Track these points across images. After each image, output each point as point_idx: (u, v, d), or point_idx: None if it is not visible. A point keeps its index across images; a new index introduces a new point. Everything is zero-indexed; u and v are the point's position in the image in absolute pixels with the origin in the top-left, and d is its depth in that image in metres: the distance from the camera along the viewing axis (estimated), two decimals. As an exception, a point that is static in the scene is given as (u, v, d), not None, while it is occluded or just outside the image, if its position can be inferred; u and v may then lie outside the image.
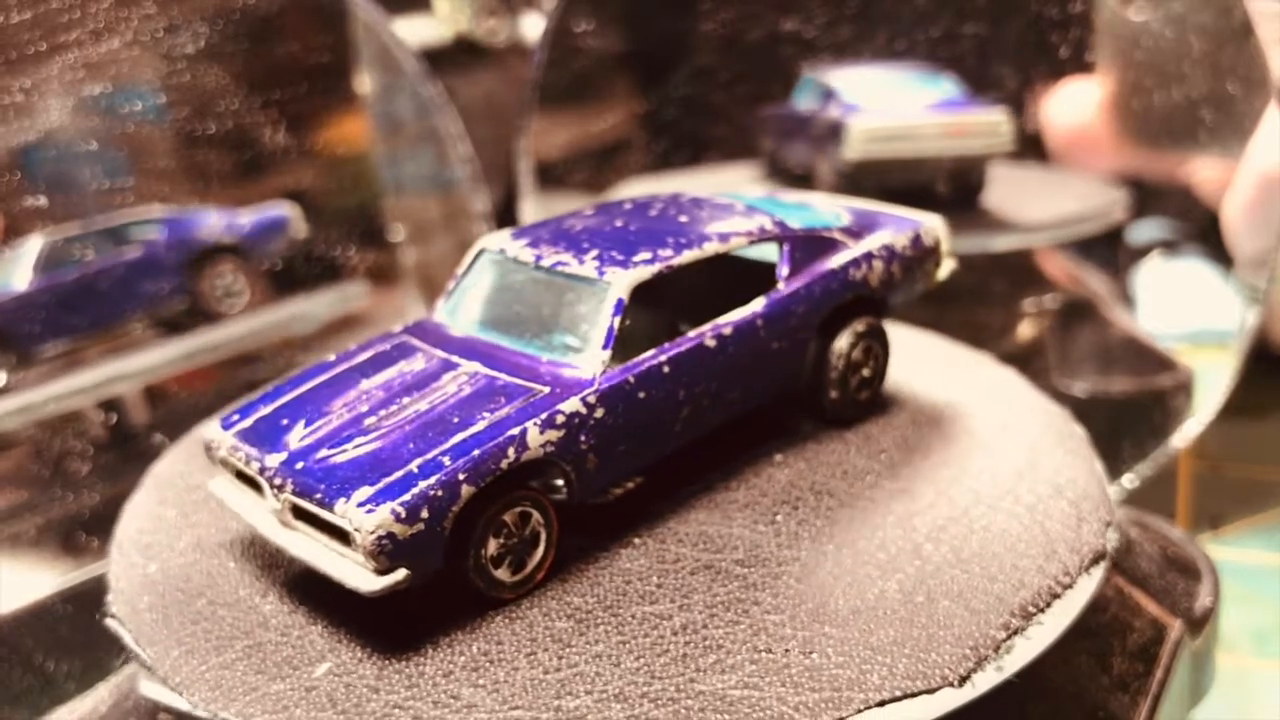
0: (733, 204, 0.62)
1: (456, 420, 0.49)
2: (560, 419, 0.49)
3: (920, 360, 0.72)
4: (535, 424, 0.48)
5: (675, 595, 0.49)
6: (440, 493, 0.46)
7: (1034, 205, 0.98)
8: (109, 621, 0.52)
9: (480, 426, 0.48)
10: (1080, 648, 0.49)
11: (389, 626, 0.48)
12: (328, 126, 1.01)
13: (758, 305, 0.57)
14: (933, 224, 0.65)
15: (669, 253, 0.55)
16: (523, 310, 0.55)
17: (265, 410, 0.53)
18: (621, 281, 0.53)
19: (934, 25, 0.97)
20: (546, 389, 0.51)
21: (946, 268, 0.66)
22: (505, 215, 1.09)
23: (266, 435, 0.51)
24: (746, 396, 0.57)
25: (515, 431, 0.48)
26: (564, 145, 1.12)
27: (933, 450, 0.61)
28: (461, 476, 0.46)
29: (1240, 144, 0.83)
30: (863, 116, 0.96)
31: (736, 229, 0.58)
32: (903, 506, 0.55)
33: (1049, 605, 0.48)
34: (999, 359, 0.72)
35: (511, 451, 0.48)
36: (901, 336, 0.75)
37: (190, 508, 0.60)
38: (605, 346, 0.52)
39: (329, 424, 0.51)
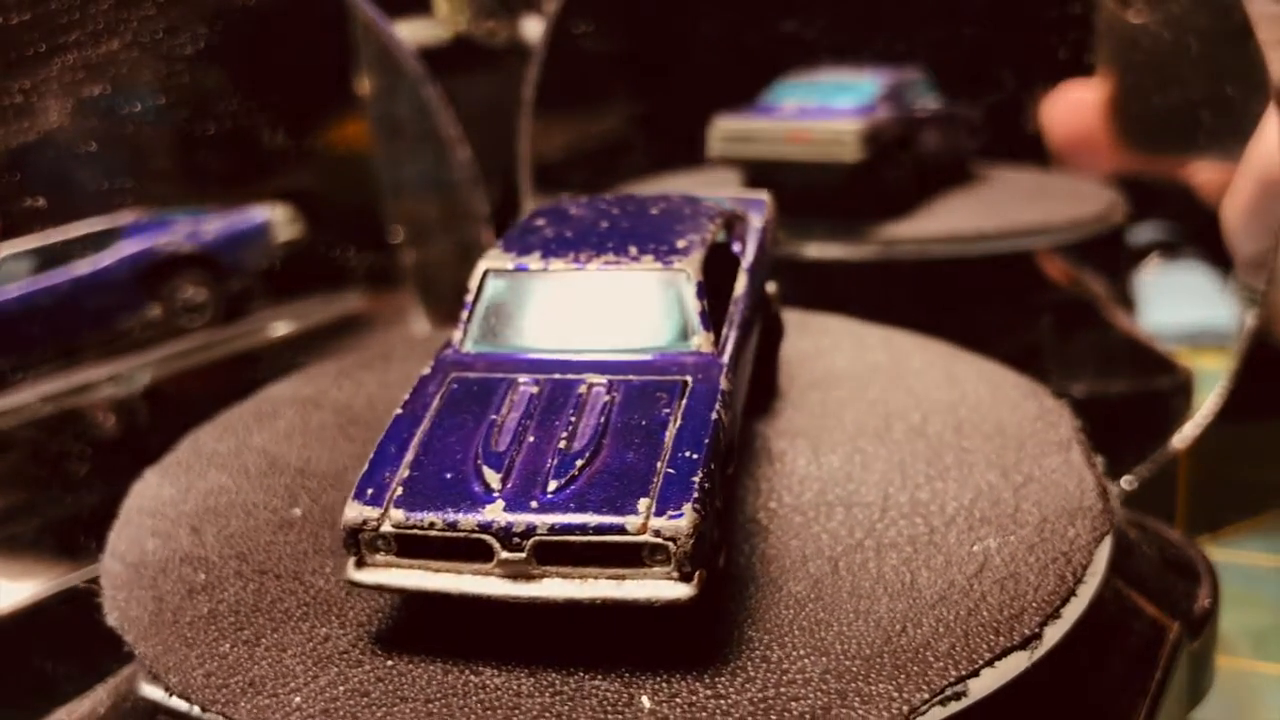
0: (669, 197, 0.65)
1: (645, 424, 0.48)
2: (726, 398, 0.50)
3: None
4: (719, 407, 0.49)
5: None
6: (709, 485, 0.46)
7: (1017, 209, 0.98)
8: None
9: (680, 423, 0.48)
10: (1079, 649, 0.49)
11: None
12: (327, 128, 1.01)
13: (743, 284, 0.60)
14: (768, 198, 0.71)
15: (687, 242, 0.57)
16: (590, 317, 0.55)
17: (403, 473, 0.47)
18: (693, 266, 0.55)
19: (934, 27, 0.97)
20: (689, 377, 0.51)
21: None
22: (505, 216, 1.09)
23: (442, 494, 0.46)
24: (745, 365, 0.59)
25: (714, 416, 0.49)
26: (563, 146, 1.12)
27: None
28: (712, 467, 0.46)
29: (1239, 146, 0.83)
30: (723, 118, 0.99)
31: (710, 214, 0.61)
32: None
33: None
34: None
35: (722, 436, 0.48)
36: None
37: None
38: (706, 328, 0.54)
39: (512, 463, 0.47)
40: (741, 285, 0.60)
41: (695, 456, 0.46)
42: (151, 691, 0.48)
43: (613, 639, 0.47)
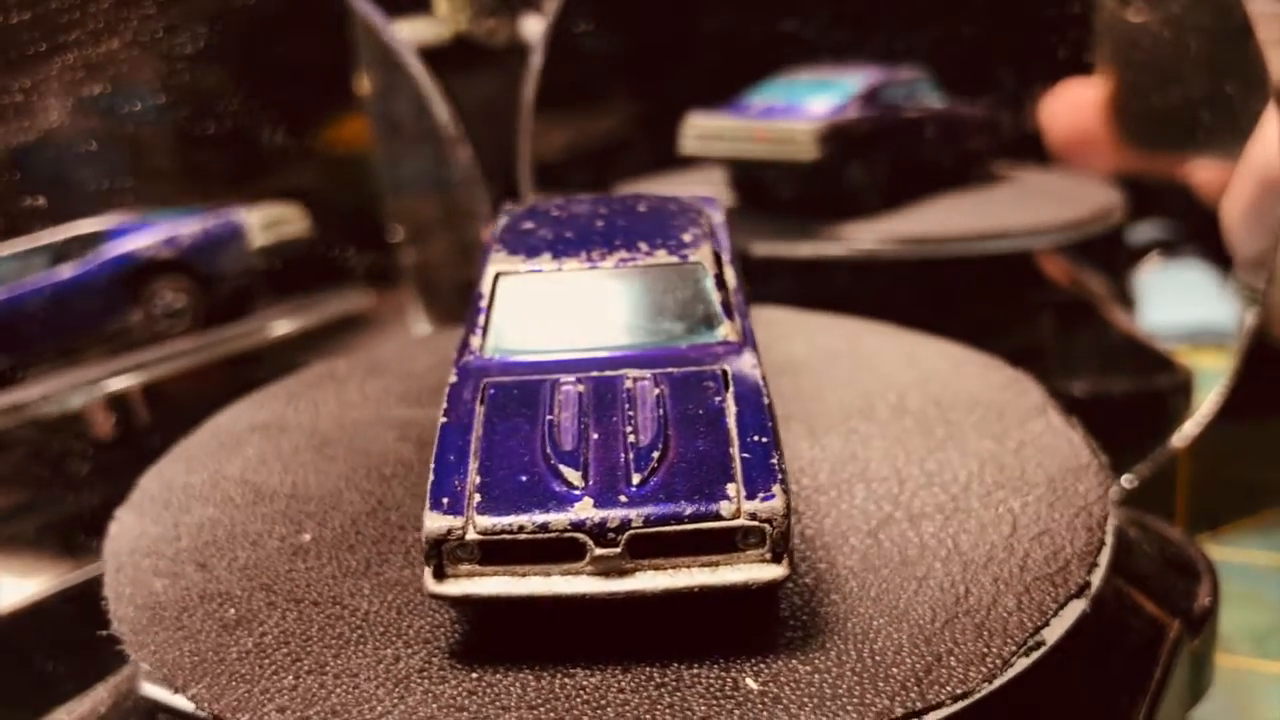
0: (644, 196, 0.66)
1: (702, 413, 0.49)
2: (767, 384, 0.51)
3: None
4: (767, 392, 0.50)
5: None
6: (784, 469, 0.46)
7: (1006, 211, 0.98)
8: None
9: (736, 409, 0.49)
10: (1079, 647, 0.49)
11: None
12: (327, 127, 1.01)
13: (733, 276, 0.61)
14: (719, 196, 0.71)
15: (691, 236, 0.58)
16: (613, 313, 0.55)
17: (474, 480, 0.47)
18: (708, 258, 0.56)
19: (933, 26, 0.97)
20: (727, 366, 0.52)
21: None
22: (505, 215, 1.09)
23: (524, 497, 0.45)
24: None
25: (767, 401, 0.50)
26: (564, 145, 1.12)
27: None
28: (779, 451, 0.47)
29: (1239, 145, 0.83)
30: (695, 115, 1.00)
31: (692, 210, 0.62)
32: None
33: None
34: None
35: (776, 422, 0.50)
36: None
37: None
38: (729, 317, 0.55)
39: (586, 460, 0.47)
40: (732, 277, 0.60)
41: (765, 440, 0.47)
42: (152, 690, 0.48)
43: (685, 627, 0.47)
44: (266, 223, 0.92)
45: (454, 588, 0.45)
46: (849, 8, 0.99)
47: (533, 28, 1.24)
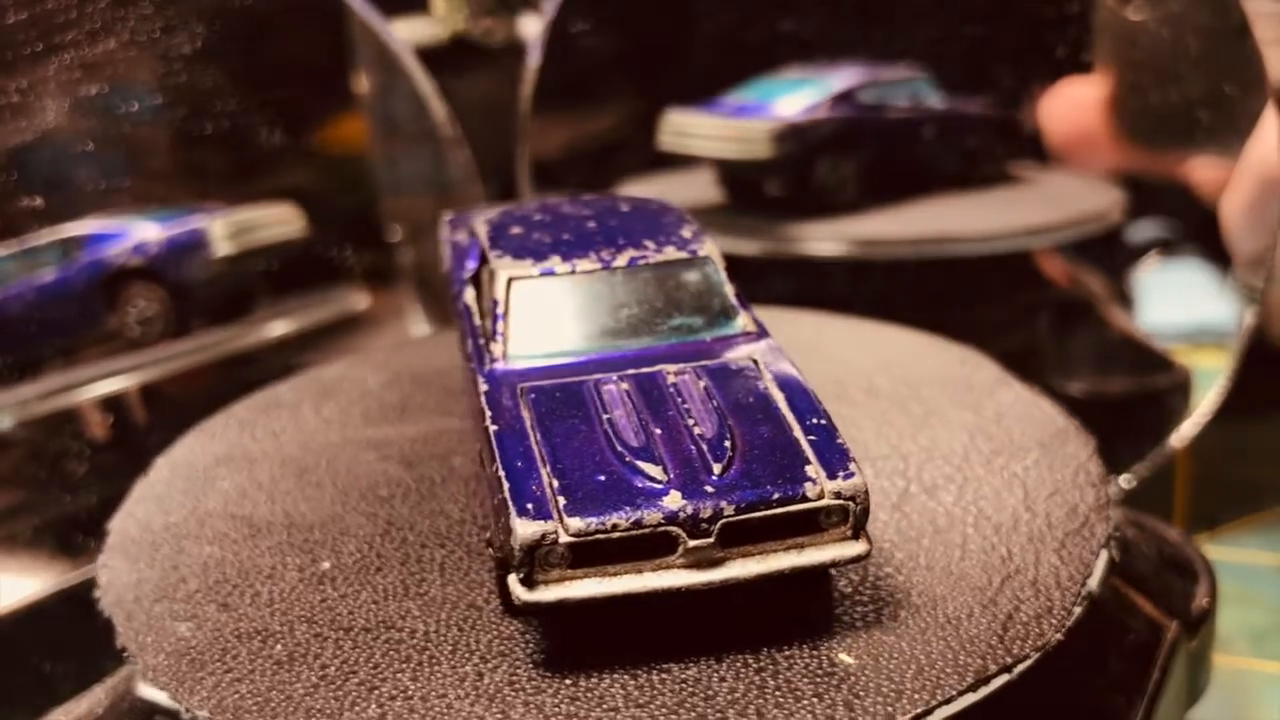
0: (616, 196, 0.67)
1: (752, 401, 0.50)
2: (799, 370, 0.53)
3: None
4: (803, 377, 0.52)
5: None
6: (849, 447, 0.47)
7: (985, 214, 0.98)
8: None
9: (783, 395, 0.50)
10: (1076, 648, 0.49)
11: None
12: (325, 126, 1.01)
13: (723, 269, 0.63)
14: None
15: (690, 231, 0.58)
16: (632, 310, 0.55)
17: (551, 483, 0.46)
18: (715, 252, 0.57)
19: (932, 25, 0.97)
20: (756, 354, 0.53)
21: None
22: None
23: (609, 496, 0.45)
24: None
25: (808, 386, 0.51)
26: (562, 145, 1.12)
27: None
28: (839, 431, 0.48)
29: (1238, 144, 0.83)
30: (672, 111, 1.02)
31: (671, 207, 0.63)
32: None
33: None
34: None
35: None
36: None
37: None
38: (744, 308, 0.56)
39: (660, 454, 0.47)
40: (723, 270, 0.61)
41: (825, 422, 0.48)
42: (149, 692, 0.48)
43: (754, 611, 0.48)
44: (234, 230, 0.89)
45: (548, 594, 0.44)
46: (847, 7, 0.99)
47: (530, 27, 1.24)
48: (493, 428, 0.49)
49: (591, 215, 0.61)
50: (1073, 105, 0.94)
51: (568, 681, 0.45)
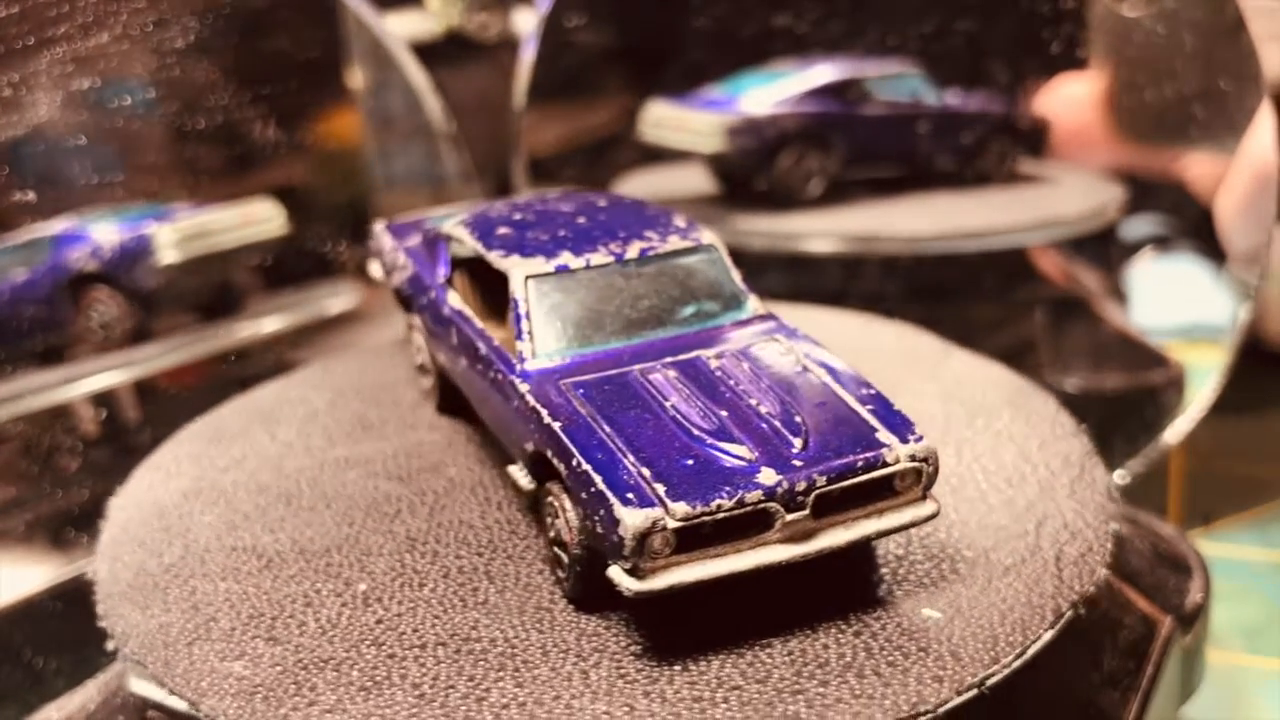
0: (589, 194, 0.68)
1: (797, 378, 0.51)
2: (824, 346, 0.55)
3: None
4: (833, 352, 0.53)
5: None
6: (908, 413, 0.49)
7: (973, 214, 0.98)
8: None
9: (822, 370, 0.51)
10: (1071, 644, 0.49)
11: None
12: (319, 121, 1.01)
13: None
14: None
15: (684, 222, 0.60)
16: (652, 300, 0.56)
17: (636, 471, 0.45)
18: (717, 239, 0.59)
19: (926, 21, 0.97)
20: (778, 335, 0.55)
21: None
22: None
23: (704, 478, 0.45)
24: None
25: (841, 361, 0.53)
26: (556, 140, 1.12)
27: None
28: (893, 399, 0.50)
29: (1233, 140, 0.83)
30: (652, 102, 1.04)
31: (648, 201, 0.64)
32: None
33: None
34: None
35: None
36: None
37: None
38: (752, 291, 0.58)
39: (738, 434, 0.47)
40: None
41: (874, 391, 0.50)
42: (141, 687, 0.48)
43: (820, 585, 0.49)
44: (183, 237, 0.85)
45: (658, 581, 0.44)
46: (843, 3, 0.99)
47: (525, 22, 1.24)
48: (556, 424, 0.48)
49: (576, 212, 0.61)
50: (1068, 102, 0.94)
51: (675, 668, 0.45)
